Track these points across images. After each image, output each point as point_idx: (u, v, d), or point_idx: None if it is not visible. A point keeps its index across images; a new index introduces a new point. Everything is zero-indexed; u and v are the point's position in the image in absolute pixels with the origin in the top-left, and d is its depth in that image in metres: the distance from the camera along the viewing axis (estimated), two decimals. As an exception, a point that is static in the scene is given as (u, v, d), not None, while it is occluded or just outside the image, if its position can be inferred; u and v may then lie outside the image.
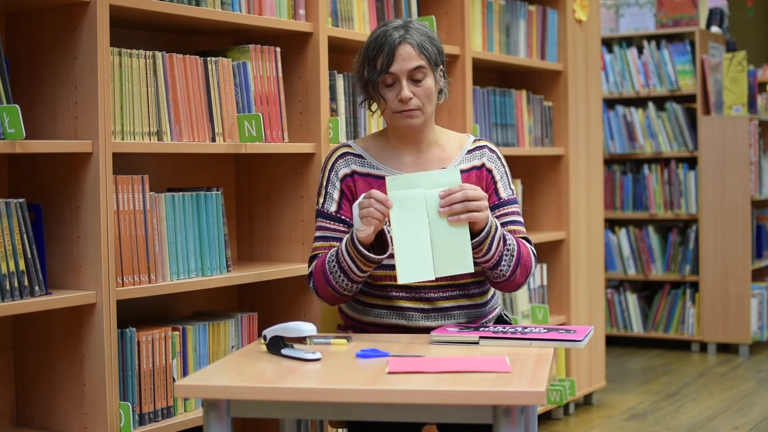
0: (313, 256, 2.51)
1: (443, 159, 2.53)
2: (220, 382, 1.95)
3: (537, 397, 1.82)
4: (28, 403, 2.62)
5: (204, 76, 2.79)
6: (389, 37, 2.43)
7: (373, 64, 2.44)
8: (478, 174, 2.52)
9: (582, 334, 2.24)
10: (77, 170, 2.49)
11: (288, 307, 3.12)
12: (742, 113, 5.85)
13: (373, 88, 2.46)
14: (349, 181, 2.51)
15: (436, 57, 2.46)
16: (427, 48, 2.44)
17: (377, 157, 2.53)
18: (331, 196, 2.51)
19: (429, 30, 2.50)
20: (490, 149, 2.57)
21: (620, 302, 6.14)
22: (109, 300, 2.47)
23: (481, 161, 2.54)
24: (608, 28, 6.18)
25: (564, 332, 2.28)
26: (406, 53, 2.42)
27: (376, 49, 2.44)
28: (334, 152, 2.56)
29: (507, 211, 2.52)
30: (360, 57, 2.50)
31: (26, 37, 2.58)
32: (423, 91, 2.44)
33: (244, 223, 3.22)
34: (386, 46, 2.42)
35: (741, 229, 5.80)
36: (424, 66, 2.43)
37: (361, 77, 2.48)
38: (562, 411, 4.40)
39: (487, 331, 2.31)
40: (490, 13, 3.93)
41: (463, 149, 2.55)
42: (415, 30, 2.46)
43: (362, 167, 2.52)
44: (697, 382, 5.13)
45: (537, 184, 4.39)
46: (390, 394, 1.86)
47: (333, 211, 2.50)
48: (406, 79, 2.42)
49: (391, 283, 2.44)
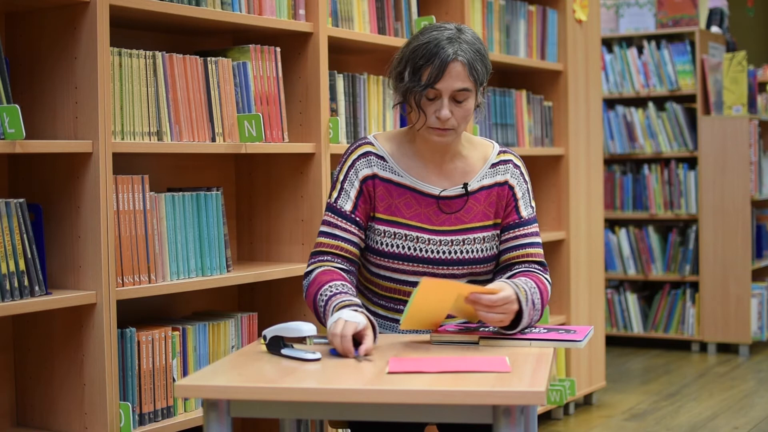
0: (315, 252, 2.41)
1: (466, 172, 2.45)
2: (220, 382, 1.95)
3: (537, 397, 1.82)
4: (28, 403, 2.62)
5: (204, 76, 2.79)
6: (442, 50, 2.28)
7: (419, 75, 2.30)
8: (500, 191, 2.45)
9: (582, 334, 2.24)
10: (77, 170, 2.49)
11: (288, 307, 3.12)
12: (742, 113, 5.85)
13: (414, 99, 2.34)
14: (370, 183, 2.41)
15: (483, 77, 2.35)
16: (477, 69, 2.32)
17: (400, 163, 2.43)
18: (348, 194, 2.41)
19: (479, 43, 2.35)
20: (515, 164, 2.48)
21: (620, 302, 6.14)
22: (109, 300, 2.47)
23: (504, 177, 2.46)
24: (608, 28, 6.18)
25: (564, 332, 2.28)
26: (456, 72, 2.29)
27: (425, 58, 2.29)
28: (357, 149, 2.45)
29: (526, 232, 2.46)
30: (403, 59, 2.35)
31: (26, 37, 2.58)
32: (462, 112, 2.33)
33: (244, 223, 3.22)
34: (437, 59, 2.28)
35: (741, 229, 5.80)
36: (470, 89, 2.32)
37: (402, 82, 2.36)
38: (562, 411, 4.40)
39: (487, 331, 2.30)
40: (490, 13, 3.93)
41: (486, 163, 2.46)
42: (468, 45, 2.31)
43: (384, 171, 2.42)
44: (697, 382, 5.13)
45: (537, 184, 4.39)
46: (390, 394, 1.86)
47: (348, 210, 2.40)
48: (449, 98, 2.32)
49: (398, 296, 2.42)
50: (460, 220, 2.41)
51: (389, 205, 2.40)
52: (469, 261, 2.40)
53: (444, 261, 2.39)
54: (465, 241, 2.40)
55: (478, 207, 2.43)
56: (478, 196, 2.43)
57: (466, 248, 2.40)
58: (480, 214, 2.42)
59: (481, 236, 2.41)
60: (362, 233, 2.41)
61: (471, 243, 2.41)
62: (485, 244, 2.42)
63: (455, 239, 2.40)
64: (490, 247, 2.43)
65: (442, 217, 2.41)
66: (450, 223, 2.41)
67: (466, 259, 2.40)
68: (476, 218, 2.42)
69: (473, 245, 2.41)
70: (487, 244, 2.42)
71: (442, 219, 2.41)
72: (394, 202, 2.39)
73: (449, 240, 2.39)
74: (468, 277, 2.42)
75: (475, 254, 2.41)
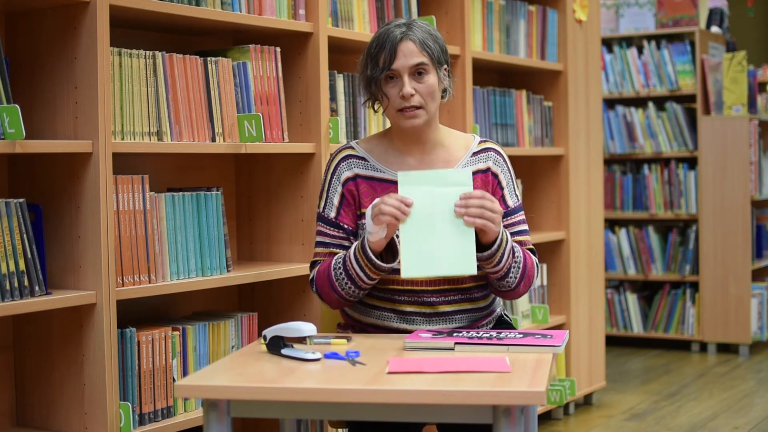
0: (314, 262, 2.51)
1: (448, 161, 2.51)
2: (220, 382, 1.95)
3: (537, 397, 1.82)
4: (28, 403, 2.62)
5: (204, 76, 2.79)
6: (391, 34, 2.43)
7: (375, 62, 2.44)
8: (484, 178, 2.51)
9: (560, 340, 2.17)
10: (77, 170, 2.49)
11: (288, 307, 3.12)
12: (742, 113, 5.85)
13: (376, 86, 2.45)
14: (351, 185, 2.49)
15: (438, 54, 2.45)
16: (429, 45, 2.43)
17: (381, 159, 2.51)
18: (332, 202, 2.50)
19: (432, 29, 2.49)
20: (497, 152, 2.55)
21: (620, 302, 6.14)
22: (109, 300, 2.47)
23: (486, 165, 2.52)
24: (608, 28, 6.18)
25: (541, 337, 2.20)
26: (408, 49, 2.41)
27: (378, 46, 2.44)
28: (337, 154, 2.55)
29: (514, 221, 2.51)
30: (363, 56, 2.49)
31: (26, 37, 2.58)
32: (425, 87, 2.42)
33: (244, 223, 3.22)
34: (388, 42, 2.42)
35: (741, 229, 5.80)
36: (426, 63, 2.42)
37: (364, 75, 2.48)
38: (562, 411, 4.40)
39: (461, 336, 2.23)
40: (490, 13, 3.93)
41: (468, 151, 2.54)
42: (417, 27, 2.45)
43: (365, 170, 2.50)
44: (697, 382, 5.13)
45: (537, 184, 4.39)
46: (390, 394, 1.86)
47: (332, 217, 2.49)
48: (408, 75, 2.41)
49: (395, 287, 2.44)
50: None
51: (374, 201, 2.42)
52: None
53: None
54: None
55: None
56: None
57: None
58: None
59: None
60: (350, 235, 2.48)
61: None
62: None
63: None
64: None
65: None
66: None
67: None
68: None
69: None
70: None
71: None
72: (379, 197, 2.42)
73: None
74: None
75: None
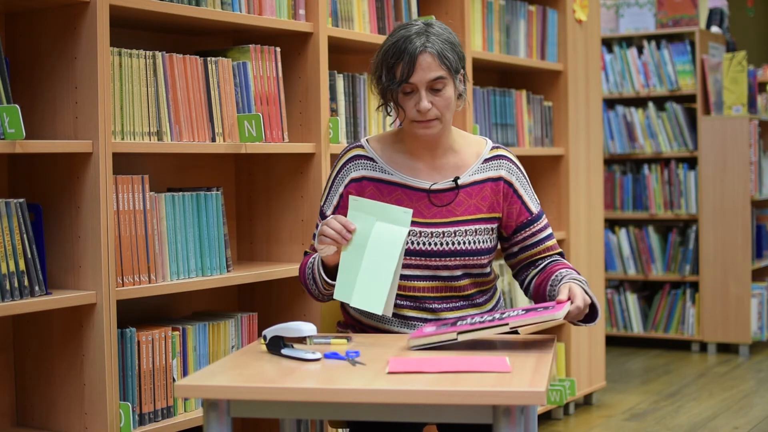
0: (305, 252, 2.57)
1: (458, 167, 2.48)
2: (220, 382, 1.95)
3: (537, 397, 1.82)
4: (28, 403, 2.62)
5: (204, 76, 2.79)
6: (410, 44, 2.34)
7: (392, 73, 2.37)
8: (494, 187, 2.47)
9: (560, 309, 2.17)
10: (77, 170, 2.49)
11: (288, 307, 3.12)
12: (742, 113, 5.85)
13: (392, 97, 2.39)
14: (356, 186, 2.47)
15: (456, 65, 2.39)
16: (447, 57, 2.36)
17: (390, 162, 2.48)
18: (332, 200, 2.50)
19: (450, 34, 2.42)
20: (509, 159, 2.51)
21: (620, 302, 6.14)
22: (109, 300, 2.47)
23: (498, 173, 2.48)
24: (608, 28, 6.18)
25: (542, 309, 2.21)
26: (427, 63, 2.34)
27: (395, 56, 2.36)
28: (346, 153, 2.51)
29: (540, 227, 2.50)
30: (378, 60, 2.41)
31: (26, 37, 2.58)
32: (442, 101, 2.37)
33: (244, 223, 3.22)
34: (406, 54, 2.33)
35: (741, 229, 5.80)
36: (444, 76, 2.36)
37: (379, 83, 2.41)
38: (562, 411, 4.40)
39: (465, 324, 2.22)
40: (490, 13, 3.93)
41: (479, 158, 2.49)
42: (436, 36, 2.37)
43: (373, 172, 2.48)
44: (697, 382, 5.13)
45: (537, 184, 4.39)
46: (390, 394, 1.86)
47: (328, 215, 2.48)
48: (426, 89, 2.36)
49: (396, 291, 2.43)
50: (451, 212, 2.44)
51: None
52: (462, 252, 2.42)
53: (436, 253, 2.41)
54: (456, 233, 2.42)
55: (470, 201, 2.46)
56: (469, 191, 2.46)
57: (458, 240, 2.42)
58: (472, 207, 2.45)
59: (473, 228, 2.44)
60: None
61: (462, 235, 2.43)
62: (477, 236, 2.44)
63: (447, 231, 2.42)
64: (483, 240, 2.44)
65: (433, 210, 2.44)
66: (441, 215, 2.43)
67: (458, 251, 2.42)
68: (468, 211, 2.45)
69: (465, 237, 2.43)
70: (480, 236, 2.44)
71: (434, 212, 2.43)
72: (385, 200, 2.43)
73: (441, 232, 2.42)
74: (462, 269, 2.44)
75: (466, 246, 2.42)
